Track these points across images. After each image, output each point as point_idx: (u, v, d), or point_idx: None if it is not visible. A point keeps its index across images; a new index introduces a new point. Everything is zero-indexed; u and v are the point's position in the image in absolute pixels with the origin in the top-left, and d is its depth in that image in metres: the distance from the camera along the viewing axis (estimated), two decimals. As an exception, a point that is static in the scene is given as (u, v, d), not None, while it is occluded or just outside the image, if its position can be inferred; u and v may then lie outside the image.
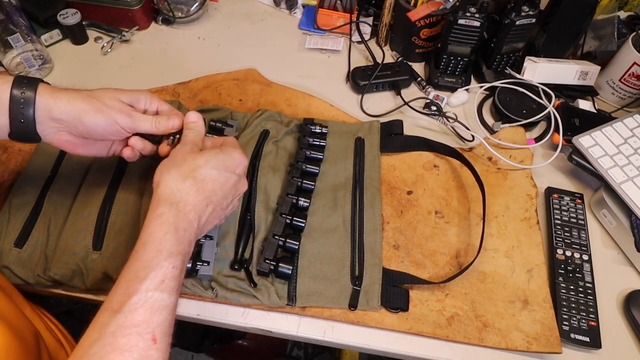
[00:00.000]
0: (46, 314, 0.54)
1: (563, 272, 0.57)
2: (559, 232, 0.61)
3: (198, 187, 0.43)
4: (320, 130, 0.66)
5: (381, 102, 0.76)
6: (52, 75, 0.76)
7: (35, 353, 0.44)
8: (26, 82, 0.44)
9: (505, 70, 0.78)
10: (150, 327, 0.36)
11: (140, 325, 0.36)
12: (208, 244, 0.53)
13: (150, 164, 0.61)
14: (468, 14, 0.70)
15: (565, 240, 0.60)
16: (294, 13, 0.90)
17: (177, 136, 0.51)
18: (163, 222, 0.40)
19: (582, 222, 0.62)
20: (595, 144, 0.64)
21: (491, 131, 0.72)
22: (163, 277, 0.38)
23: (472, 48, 0.74)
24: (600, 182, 0.64)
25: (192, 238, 0.42)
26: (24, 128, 0.45)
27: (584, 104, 0.74)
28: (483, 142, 0.67)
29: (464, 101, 0.76)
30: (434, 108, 0.73)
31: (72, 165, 0.61)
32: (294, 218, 0.56)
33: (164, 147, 0.51)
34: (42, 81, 0.46)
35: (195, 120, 0.51)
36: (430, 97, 0.76)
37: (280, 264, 0.52)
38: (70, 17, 0.77)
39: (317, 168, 0.62)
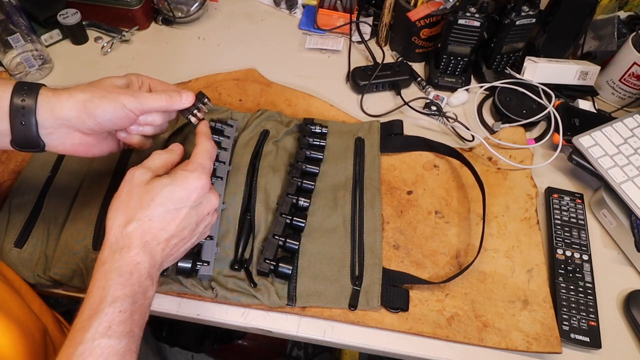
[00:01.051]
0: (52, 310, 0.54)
1: (563, 272, 0.57)
2: (559, 232, 0.61)
3: (143, 229, 0.41)
4: (320, 130, 0.66)
5: (381, 102, 0.76)
6: (52, 75, 0.76)
7: (43, 350, 0.44)
8: (27, 88, 0.43)
9: (505, 70, 0.78)
10: None
11: None
12: (208, 244, 0.53)
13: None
14: (468, 14, 0.70)
15: (565, 240, 0.60)
16: (294, 13, 0.90)
17: (199, 111, 0.50)
18: (106, 269, 0.39)
19: (582, 222, 0.62)
20: (595, 144, 0.64)
21: (491, 131, 0.72)
22: (109, 323, 0.37)
23: (472, 48, 0.74)
24: (600, 182, 0.64)
25: (143, 278, 0.40)
26: (25, 132, 0.43)
27: (584, 104, 0.74)
28: (483, 142, 0.67)
29: (464, 101, 0.76)
30: (434, 108, 0.73)
31: (72, 165, 0.61)
32: (294, 218, 0.56)
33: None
34: (44, 85, 0.45)
35: (176, 150, 0.48)
36: (430, 97, 0.76)
37: (280, 264, 0.52)
38: (70, 17, 0.77)
39: (317, 168, 0.62)
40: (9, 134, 0.44)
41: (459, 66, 0.76)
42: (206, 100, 0.51)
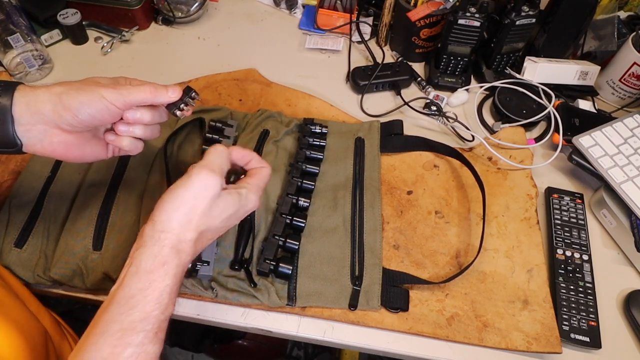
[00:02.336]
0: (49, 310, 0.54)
1: (563, 272, 0.57)
2: (559, 232, 0.61)
3: (202, 239, 0.42)
4: (320, 130, 0.66)
5: (381, 102, 0.76)
6: (52, 75, 0.76)
7: (43, 352, 0.44)
8: (3, 85, 0.41)
9: (505, 70, 0.78)
10: None
11: None
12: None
13: (151, 162, 0.61)
14: (468, 14, 0.70)
15: (565, 240, 0.60)
16: (294, 13, 0.90)
17: (186, 106, 0.47)
18: (167, 271, 0.38)
19: (582, 222, 0.62)
20: (595, 144, 0.64)
21: (491, 131, 0.72)
22: (157, 329, 0.37)
23: (472, 48, 0.74)
24: (600, 182, 0.64)
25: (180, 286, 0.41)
26: (1, 129, 0.41)
27: (584, 104, 0.74)
28: (483, 142, 0.67)
29: (464, 101, 0.76)
30: (434, 108, 0.73)
31: (72, 165, 0.61)
32: (294, 218, 0.56)
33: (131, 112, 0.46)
34: (22, 84, 0.43)
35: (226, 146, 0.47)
36: (430, 97, 0.76)
37: (280, 264, 0.52)
38: (70, 17, 0.77)
39: (317, 168, 0.62)
40: None
41: (459, 66, 0.76)
42: (194, 94, 0.48)
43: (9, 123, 0.41)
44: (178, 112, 0.48)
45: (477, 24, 0.70)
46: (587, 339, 0.52)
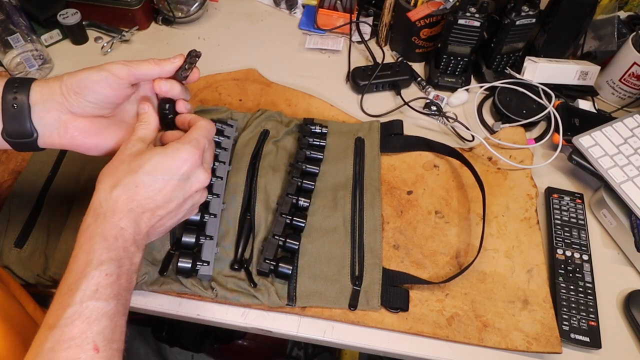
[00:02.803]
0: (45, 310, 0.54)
1: (563, 272, 0.57)
2: (559, 232, 0.61)
3: (129, 195, 0.40)
4: (320, 130, 0.66)
5: (381, 102, 0.76)
6: (52, 75, 0.76)
7: None
8: (18, 82, 0.43)
9: (505, 70, 0.78)
10: (89, 338, 0.35)
11: (79, 337, 0.35)
12: (208, 244, 0.53)
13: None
14: (468, 14, 0.70)
15: (565, 240, 0.60)
16: (294, 13, 0.90)
17: (187, 67, 0.47)
18: (90, 233, 0.39)
19: (582, 222, 0.62)
20: (595, 144, 0.64)
21: (491, 131, 0.72)
22: (96, 286, 0.37)
23: (472, 48, 0.74)
24: (600, 182, 0.64)
25: (128, 244, 0.40)
26: (16, 117, 0.42)
27: (584, 104, 0.74)
28: (483, 142, 0.67)
29: (464, 101, 0.76)
30: (434, 108, 0.73)
31: (72, 165, 0.61)
32: (294, 218, 0.56)
33: (157, 83, 0.47)
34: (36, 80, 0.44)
35: (145, 111, 0.46)
36: (430, 97, 0.76)
37: (280, 264, 0.52)
38: (70, 17, 0.77)
39: (317, 168, 0.62)
40: (1, 123, 0.43)
41: (459, 66, 0.76)
42: (194, 53, 0.48)
43: (26, 110, 0.42)
44: (184, 75, 0.48)
45: (477, 24, 0.70)
46: (587, 339, 0.52)
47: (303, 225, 0.56)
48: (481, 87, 0.76)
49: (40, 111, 0.43)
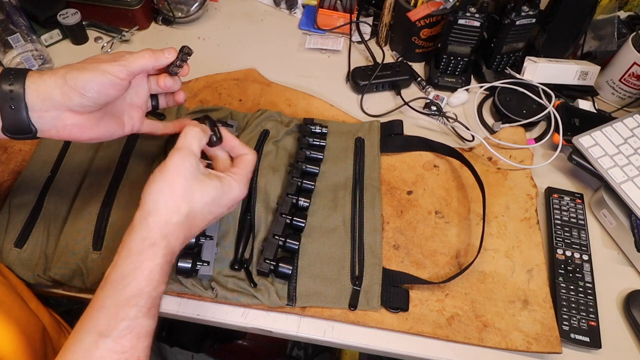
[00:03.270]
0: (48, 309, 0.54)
1: (563, 272, 0.57)
2: (559, 232, 0.61)
3: (189, 224, 0.42)
4: (320, 130, 0.66)
5: (381, 102, 0.76)
6: (52, 75, 0.76)
7: (42, 349, 0.44)
8: (14, 73, 0.42)
9: (505, 70, 0.78)
10: (136, 353, 0.37)
11: (129, 351, 0.37)
12: (208, 244, 0.53)
13: (151, 162, 0.61)
14: (468, 14, 0.70)
15: (565, 240, 0.60)
16: (294, 13, 0.90)
17: (178, 63, 0.49)
18: (156, 252, 0.40)
19: (582, 222, 0.62)
20: (595, 144, 0.64)
21: (491, 131, 0.72)
22: (150, 304, 0.39)
23: (472, 48, 0.74)
24: (600, 182, 0.64)
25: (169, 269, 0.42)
26: (15, 117, 0.42)
27: (584, 104, 0.74)
28: (483, 142, 0.67)
29: (464, 101, 0.76)
30: (434, 108, 0.73)
31: (72, 165, 0.61)
32: (294, 218, 0.56)
33: (162, 79, 0.49)
34: (30, 70, 0.44)
35: (195, 124, 0.47)
36: (430, 97, 0.76)
37: (280, 264, 0.52)
38: (70, 17, 0.77)
39: (317, 168, 0.62)
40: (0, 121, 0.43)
41: (459, 66, 0.76)
42: (186, 49, 0.49)
43: (23, 110, 0.42)
44: (175, 70, 0.49)
45: (477, 24, 0.70)
46: (587, 339, 0.52)
47: (303, 225, 0.56)
48: (481, 87, 0.76)
49: (39, 110, 0.43)
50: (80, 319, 0.39)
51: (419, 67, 0.82)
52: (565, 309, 0.55)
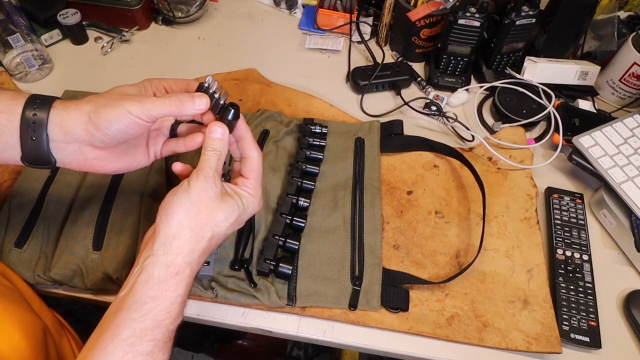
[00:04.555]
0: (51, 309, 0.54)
1: (563, 272, 0.57)
2: (559, 232, 0.61)
3: (211, 246, 0.42)
4: (320, 130, 0.66)
5: (381, 102, 0.76)
6: (52, 75, 0.76)
7: (44, 350, 0.44)
8: (39, 101, 0.41)
9: (505, 70, 0.78)
10: None
11: None
12: (208, 244, 0.53)
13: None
14: (468, 14, 0.70)
15: (565, 240, 0.60)
16: (294, 13, 0.90)
17: (221, 102, 0.44)
18: (179, 282, 0.38)
19: (582, 222, 0.62)
20: (595, 144, 0.64)
21: (491, 131, 0.72)
22: (167, 339, 0.38)
23: (472, 48, 0.74)
24: (600, 182, 0.64)
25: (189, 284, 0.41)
26: (36, 148, 0.41)
27: (584, 104, 0.74)
28: (483, 142, 0.67)
29: (464, 101, 0.76)
30: (434, 108, 0.73)
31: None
32: (294, 218, 0.56)
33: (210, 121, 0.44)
34: (58, 98, 0.43)
35: (219, 137, 0.43)
36: (430, 97, 0.76)
37: (280, 264, 0.52)
38: (70, 17, 0.77)
39: (317, 168, 0.62)
40: (19, 150, 0.41)
41: (459, 66, 0.76)
42: (215, 87, 0.44)
43: (44, 142, 0.41)
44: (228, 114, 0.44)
45: (477, 24, 0.70)
46: (587, 339, 0.52)
47: (303, 225, 0.56)
48: (481, 87, 0.76)
49: (60, 141, 0.42)
50: (90, 342, 0.37)
51: (419, 67, 0.82)
52: (565, 309, 0.55)
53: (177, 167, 0.47)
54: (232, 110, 0.43)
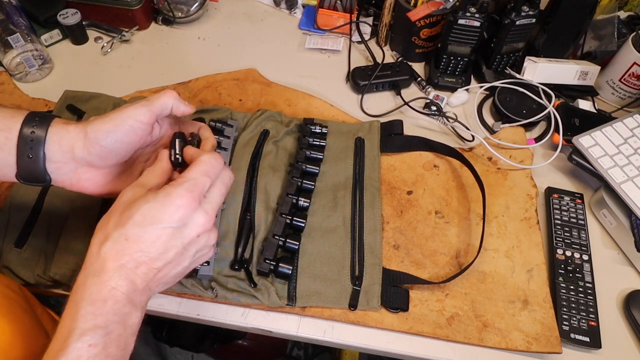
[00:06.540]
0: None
1: (563, 272, 0.57)
2: (559, 232, 0.61)
3: (118, 250, 0.37)
4: (320, 130, 0.66)
5: (381, 102, 0.76)
6: (52, 75, 0.76)
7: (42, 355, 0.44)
8: (38, 119, 0.41)
9: (505, 70, 0.78)
10: None
11: None
12: (208, 244, 0.53)
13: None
14: (468, 14, 0.70)
15: (565, 240, 0.60)
16: (294, 13, 0.90)
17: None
18: (78, 296, 0.36)
19: (582, 222, 0.62)
20: (595, 144, 0.64)
21: (491, 131, 0.72)
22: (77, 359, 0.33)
23: (472, 48, 0.74)
24: (600, 182, 0.64)
25: (120, 305, 0.36)
26: (31, 166, 0.41)
27: (584, 104, 0.74)
28: (483, 142, 0.67)
29: (464, 101, 0.76)
30: (434, 108, 0.73)
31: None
32: (294, 218, 0.56)
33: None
34: (57, 117, 0.43)
35: (159, 156, 0.44)
36: (430, 97, 0.76)
37: (280, 264, 0.52)
38: (70, 17, 0.77)
39: (317, 168, 0.62)
40: (15, 167, 0.41)
41: (459, 66, 0.76)
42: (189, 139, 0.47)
43: (41, 160, 0.41)
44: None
45: (477, 24, 0.70)
46: (587, 339, 0.52)
47: (303, 225, 0.56)
48: (481, 87, 0.76)
49: (58, 161, 0.42)
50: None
51: (419, 67, 0.82)
52: (565, 309, 0.55)
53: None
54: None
